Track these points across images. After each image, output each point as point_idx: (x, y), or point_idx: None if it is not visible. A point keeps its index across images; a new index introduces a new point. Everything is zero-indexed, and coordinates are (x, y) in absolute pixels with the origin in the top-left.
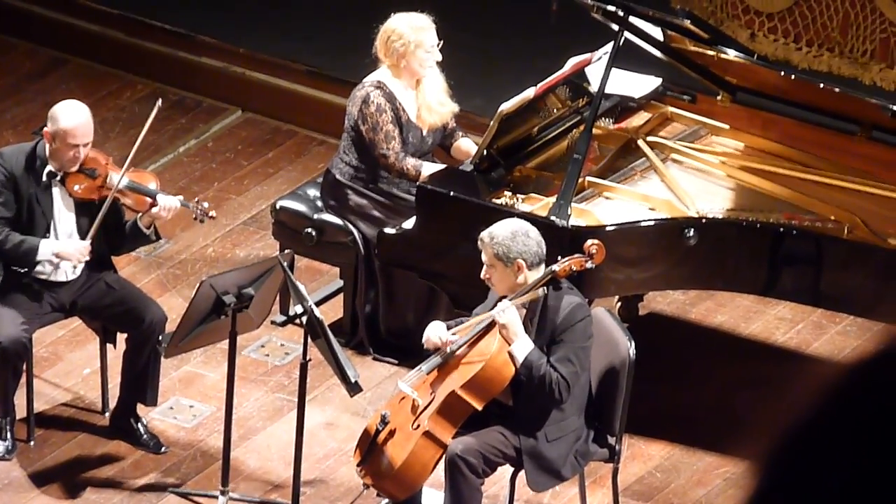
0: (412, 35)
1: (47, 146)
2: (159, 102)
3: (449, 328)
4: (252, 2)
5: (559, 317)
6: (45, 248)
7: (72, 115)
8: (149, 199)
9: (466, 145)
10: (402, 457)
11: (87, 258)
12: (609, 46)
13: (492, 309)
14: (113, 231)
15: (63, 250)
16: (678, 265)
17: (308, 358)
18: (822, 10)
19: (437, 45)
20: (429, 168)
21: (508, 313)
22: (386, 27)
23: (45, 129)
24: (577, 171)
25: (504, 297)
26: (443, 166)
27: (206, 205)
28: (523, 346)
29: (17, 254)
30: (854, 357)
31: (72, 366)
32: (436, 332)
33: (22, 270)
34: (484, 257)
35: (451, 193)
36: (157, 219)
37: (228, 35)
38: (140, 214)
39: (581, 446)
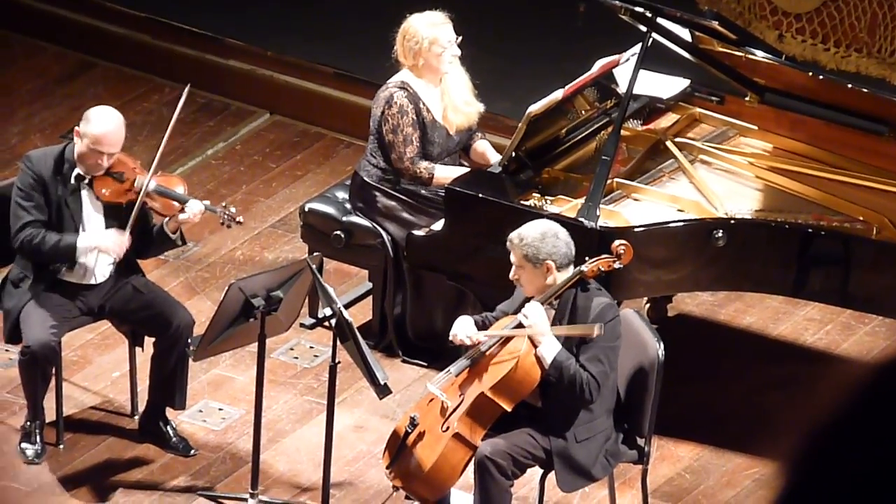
0: (426, 32)
1: (76, 148)
2: (187, 89)
3: (476, 324)
4: (280, 4)
5: (589, 318)
6: (84, 243)
7: (103, 123)
8: (176, 204)
9: (483, 147)
10: (432, 459)
11: (124, 250)
12: (637, 48)
13: (519, 307)
14: (140, 236)
15: (101, 243)
16: (707, 266)
17: (337, 360)
18: (850, 11)
19: (456, 41)
20: (441, 171)
21: (534, 314)
22: (401, 28)
23: (77, 127)
24: (605, 172)
25: (531, 297)
26: (457, 168)
27: (233, 210)
28: (551, 347)
29: (57, 253)
30: (881, 357)
31: (101, 369)
32: (464, 330)
33: (52, 267)
34: (513, 258)
35: (480, 195)
36: (183, 223)
37: (256, 38)
38: (166, 219)
39: (611, 447)
